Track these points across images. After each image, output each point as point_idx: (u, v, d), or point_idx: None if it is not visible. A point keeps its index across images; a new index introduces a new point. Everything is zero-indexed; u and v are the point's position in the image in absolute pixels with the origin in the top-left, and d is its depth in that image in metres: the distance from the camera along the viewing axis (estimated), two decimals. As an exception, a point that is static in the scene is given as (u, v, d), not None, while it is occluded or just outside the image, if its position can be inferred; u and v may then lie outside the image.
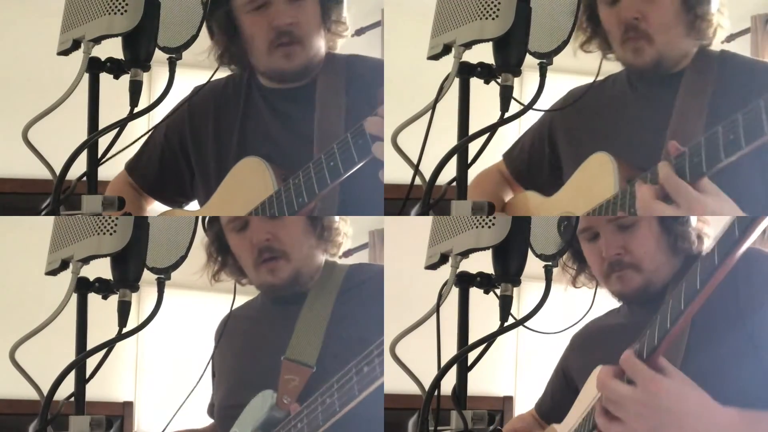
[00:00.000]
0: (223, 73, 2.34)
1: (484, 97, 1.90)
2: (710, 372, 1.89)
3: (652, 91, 2.15)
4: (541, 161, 2.33)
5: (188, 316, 3.50)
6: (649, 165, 1.98)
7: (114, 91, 1.97)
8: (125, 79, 1.93)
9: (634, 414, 1.78)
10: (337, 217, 2.28)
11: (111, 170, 2.42)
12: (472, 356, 1.86)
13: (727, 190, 1.92)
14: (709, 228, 2.07)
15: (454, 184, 1.87)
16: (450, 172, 1.87)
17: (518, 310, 1.89)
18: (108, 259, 1.90)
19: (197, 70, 2.29)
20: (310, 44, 2.23)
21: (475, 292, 1.88)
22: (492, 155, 2.23)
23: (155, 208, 2.50)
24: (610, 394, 1.80)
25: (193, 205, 2.45)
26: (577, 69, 2.24)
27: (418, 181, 1.89)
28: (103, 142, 1.95)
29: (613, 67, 2.24)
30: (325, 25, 2.26)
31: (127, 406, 3.78)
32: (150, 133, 2.40)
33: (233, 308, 2.30)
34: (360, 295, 2.25)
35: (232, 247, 2.28)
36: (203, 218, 2.27)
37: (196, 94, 2.35)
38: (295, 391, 2.14)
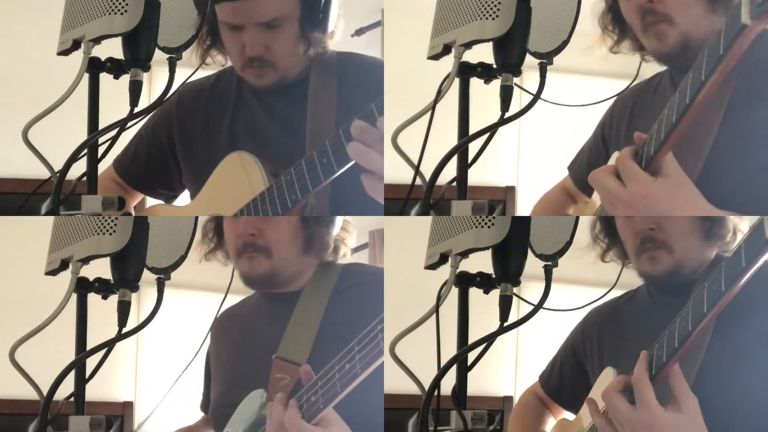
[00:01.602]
0: (212, 70, 2.34)
1: (484, 97, 1.90)
2: (728, 369, 1.88)
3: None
4: (599, 164, 2.27)
5: (188, 316, 3.50)
6: None
7: (114, 91, 1.97)
8: (125, 79, 1.93)
9: None
10: (334, 230, 2.26)
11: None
12: (472, 356, 1.86)
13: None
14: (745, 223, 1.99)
15: (454, 184, 1.87)
16: (450, 172, 1.87)
17: (518, 310, 1.90)
18: (108, 259, 1.90)
19: (198, 71, 2.29)
20: (284, 66, 2.21)
21: (475, 292, 1.88)
22: (492, 155, 2.23)
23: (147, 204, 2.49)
24: (610, 408, 1.80)
25: (184, 197, 2.43)
26: (577, 69, 2.24)
27: (418, 181, 1.89)
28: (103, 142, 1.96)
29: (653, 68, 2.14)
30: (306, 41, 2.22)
31: (127, 406, 3.78)
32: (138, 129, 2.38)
33: (230, 306, 2.30)
34: (353, 296, 2.24)
35: (224, 229, 2.27)
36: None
37: (184, 88, 2.34)
38: (286, 390, 2.13)
